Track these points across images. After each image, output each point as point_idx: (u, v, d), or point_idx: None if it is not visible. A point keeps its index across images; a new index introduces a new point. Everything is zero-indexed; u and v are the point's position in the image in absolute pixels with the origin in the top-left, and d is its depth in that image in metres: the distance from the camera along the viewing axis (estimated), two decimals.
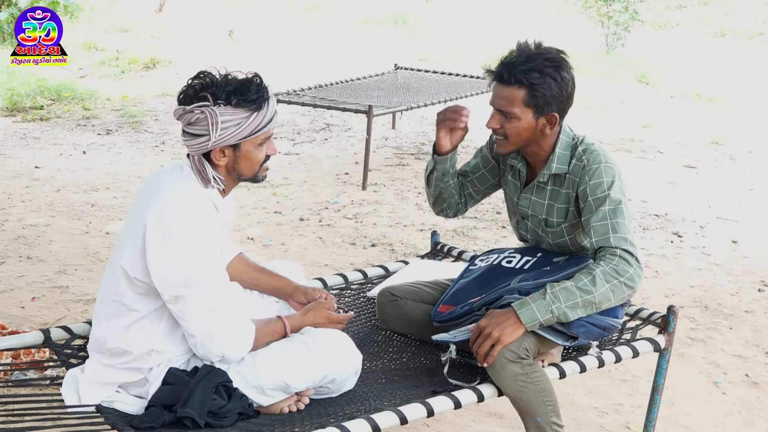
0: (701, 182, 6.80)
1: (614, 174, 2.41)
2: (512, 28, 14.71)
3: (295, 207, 5.62)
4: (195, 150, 2.14)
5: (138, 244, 2.11)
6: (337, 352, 2.31)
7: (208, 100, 2.09)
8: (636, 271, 2.32)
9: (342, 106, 6.19)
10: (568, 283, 2.31)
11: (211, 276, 2.13)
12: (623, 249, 2.32)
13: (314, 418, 2.22)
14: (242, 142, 2.14)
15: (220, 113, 2.08)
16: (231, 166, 2.18)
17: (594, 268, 2.31)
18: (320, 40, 13.15)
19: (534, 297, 2.31)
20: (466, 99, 7.13)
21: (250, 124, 2.12)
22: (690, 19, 17.85)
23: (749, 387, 3.56)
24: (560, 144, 2.48)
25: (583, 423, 3.18)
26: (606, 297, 2.30)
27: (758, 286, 4.65)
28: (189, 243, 2.09)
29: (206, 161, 2.15)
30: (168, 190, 2.13)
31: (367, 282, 3.13)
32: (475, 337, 2.32)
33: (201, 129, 2.10)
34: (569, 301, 2.28)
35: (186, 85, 2.15)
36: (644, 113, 9.31)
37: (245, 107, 2.11)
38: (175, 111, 2.15)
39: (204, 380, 2.14)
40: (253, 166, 2.20)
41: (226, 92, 2.10)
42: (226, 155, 2.15)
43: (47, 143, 6.95)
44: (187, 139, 2.14)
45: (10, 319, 3.68)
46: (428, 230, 5.11)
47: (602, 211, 2.37)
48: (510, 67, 2.37)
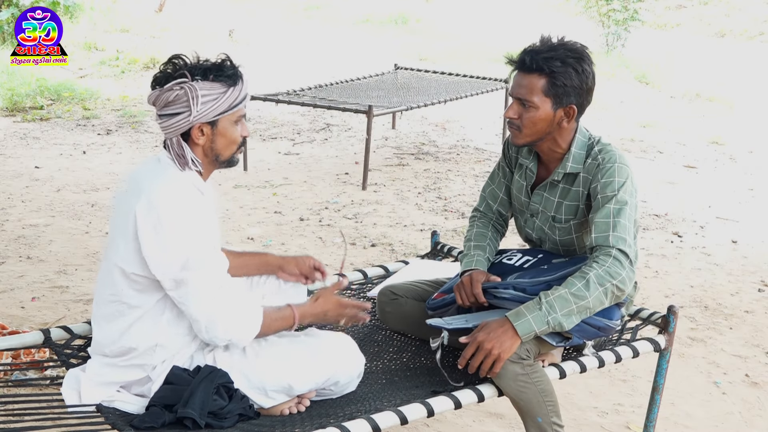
0: (701, 182, 6.80)
1: (627, 175, 2.41)
2: (512, 28, 14.72)
3: (295, 207, 5.62)
4: (173, 130, 2.16)
5: (130, 239, 2.12)
6: (341, 354, 2.31)
7: (186, 77, 2.13)
8: (628, 274, 2.31)
9: (342, 106, 6.19)
10: (562, 290, 2.28)
11: (209, 256, 2.14)
12: (619, 249, 2.32)
13: (314, 418, 2.22)
14: (220, 118, 2.16)
15: (199, 87, 2.12)
16: (209, 146, 2.19)
17: (587, 272, 2.30)
18: (320, 40, 13.16)
19: (529, 307, 2.28)
20: (466, 99, 7.14)
21: (227, 98, 2.16)
22: (690, 19, 17.86)
23: (749, 387, 3.56)
24: (576, 143, 2.47)
25: (583, 423, 3.18)
26: (599, 301, 2.30)
27: (758, 286, 4.65)
28: (182, 226, 2.10)
29: (184, 142, 2.17)
30: (151, 182, 2.14)
31: (367, 282, 3.13)
32: (472, 351, 2.28)
33: (180, 107, 2.13)
34: (564, 309, 2.27)
35: (159, 69, 2.18)
36: (644, 113, 9.31)
37: (222, 82, 2.15)
38: (149, 95, 2.17)
39: (205, 381, 2.14)
40: (230, 145, 2.22)
41: (202, 69, 2.15)
42: (205, 133, 2.17)
43: (47, 143, 6.96)
44: (165, 120, 2.16)
45: (10, 319, 3.68)
46: (428, 230, 5.11)
47: (607, 209, 2.37)
48: (532, 54, 2.38)
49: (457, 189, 6.13)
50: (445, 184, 6.25)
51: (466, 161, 6.95)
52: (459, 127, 8.26)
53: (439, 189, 6.11)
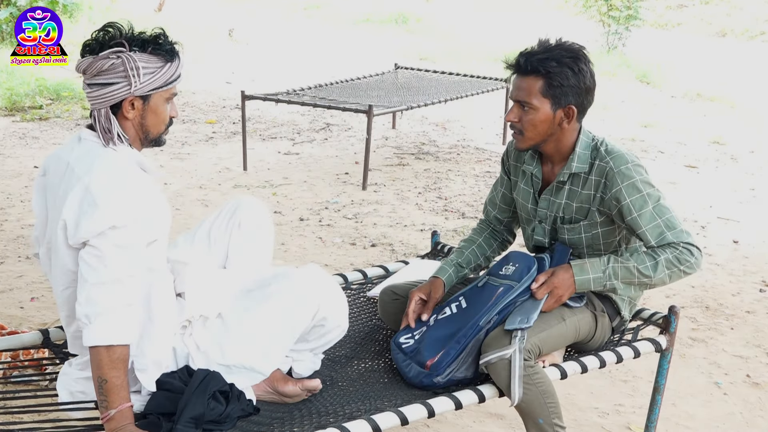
0: (702, 182, 6.79)
1: (642, 171, 2.43)
2: (513, 28, 14.72)
3: (295, 207, 5.61)
4: (104, 101, 2.06)
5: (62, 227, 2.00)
6: (316, 287, 2.30)
7: (124, 46, 2.05)
8: (697, 261, 2.38)
9: (342, 106, 6.18)
10: (632, 262, 2.38)
11: (137, 236, 2.01)
12: (685, 242, 2.37)
13: (314, 417, 2.21)
14: (152, 94, 2.10)
15: (138, 59, 2.05)
16: (138, 122, 2.11)
17: (660, 254, 2.37)
18: (320, 40, 13.16)
19: (594, 266, 2.41)
20: (466, 99, 7.13)
21: (164, 73, 2.09)
22: (691, 19, 17.86)
23: (750, 387, 3.55)
24: (580, 144, 2.47)
25: (584, 423, 3.17)
26: (662, 281, 2.40)
27: (759, 287, 4.64)
28: (114, 195, 1.98)
29: (113, 115, 2.08)
30: (88, 169, 2.02)
31: (367, 282, 3.13)
32: (546, 291, 2.41)
33: (114, 76, 2.04)
34: (626, 279, 2.40)
35: (92, 36, 2.08)
36: (645, 113, 9.31)
37: (160, 56, 2.08)
38: (80, 62, 2.06)
39: (198, 391, 2.08)
40: (159, 124, 2.14)
41: (140, 40, 2.07)
42: (135, 107, 2.09)
43: (46, 143, 6.95)
44: (95, 90, 2.06)
45: (9, 320, 3.67)
46: (428, 230, 5.10)
47: (648, 213, 2.38)
48: (528, 56, 2.39)
49: (458, 189, 6.12)
50: (445, 184, 6.24)
51: (466, 161, 6.94)
52: (459, 126, 8.25)
53: (439, 189, 6.10)
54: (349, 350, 2.66)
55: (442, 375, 2.37)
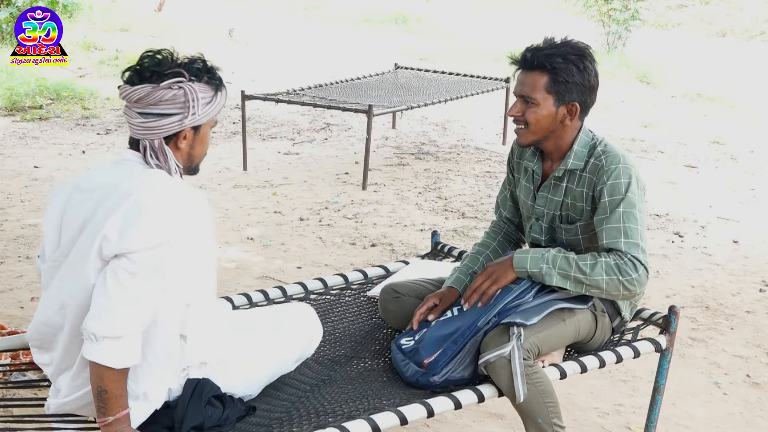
0: (702, 182, 6.79)
1: (631, 175, 2.40)
2: (513, 28, 14.72)
3: (295, 207, 5.61)
4: (159, 132, 1.95)
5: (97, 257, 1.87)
6: (306, 333, 2.38)
7: (184, 76, 1.95)
8: (638, 278, 2.33)
9: (342, 106, 6.18)
10: (572, 255, 2.38)
11: (177, 260, 1.89)
12: (633, 255, 2.33)
13: (313, 417, 2.21)
14: (204, 124, 2.01)
15: (198, 89, 1.96)
16: (188, 152, 2.02)
17: (602, 257, 2.35)
18: (320, 40, 13.16)
19: (537, 250, 2.42)
20: (466, 99, 7.13)
21: (218, 103, 2.01)
22: (691, 19, 17.85)
23: (750, 387, 3.55)
24: (579, 142, 2.48)
25: (583, 423, 3.17)
26: (597, 285, 2.34)
27: (759, 287, 4.64)
28: (166, 210, 1.87)
29: (167, 146, 1.97)
30: (136, 184, 1.90)
31: (367, 282, 3.12)
32: (483, 279, 2.44)
33: (174, 107, 1.94)
34: (562, 270, 2.36)
35: (142, 63, 1.96)
36: (645, 113, 9.30)
37: (213, 86, 2.00)
38: (134, 91, 1.92)
39: (193, 400, 2.05)
40: (203, 152, 2.06)
41: (195, 69, 1.97)
42: (187, 138, 1.99)
43: (46, 143, 6.95)
44: (150, 120, 1.94)
45: (9, 320, 3.67)
46: (428, 230, 5.10)
47: (616, 214, 2.37)
48: (534, 51, 2.40)
49: (458, 189, 6.12)
50: (445, 184, 6.24)
51: (466, 161, 6.94)
52: (459, 126, 8.25)
53: (439, 189, 6.10)
54: (348, 350, 2.65)
55: (438, 375, 2.37)
